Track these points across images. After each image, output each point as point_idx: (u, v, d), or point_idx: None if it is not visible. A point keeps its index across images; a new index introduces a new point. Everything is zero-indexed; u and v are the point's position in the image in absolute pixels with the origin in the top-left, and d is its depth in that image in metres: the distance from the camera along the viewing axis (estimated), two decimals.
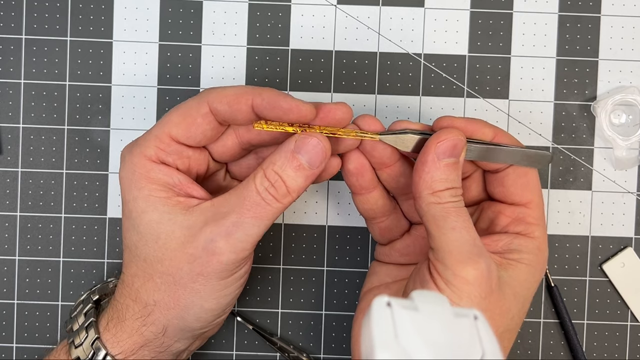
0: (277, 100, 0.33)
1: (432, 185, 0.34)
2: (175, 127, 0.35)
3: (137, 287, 0.35)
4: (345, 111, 0.35)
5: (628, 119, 0.44)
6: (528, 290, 0.36)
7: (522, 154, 0.36)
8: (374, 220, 0.39)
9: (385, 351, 0.22)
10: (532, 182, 0.37)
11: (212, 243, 0.33)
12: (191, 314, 0.35)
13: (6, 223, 0.44)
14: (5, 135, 0.44)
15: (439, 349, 0.23)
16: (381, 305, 0.24)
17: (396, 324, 0.23)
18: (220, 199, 0.34)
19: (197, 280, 0.34)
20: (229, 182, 0.40)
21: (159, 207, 0.34)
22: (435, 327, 0.23)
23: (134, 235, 0.35)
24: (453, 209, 0.33)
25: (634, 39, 0.44)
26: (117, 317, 0.36)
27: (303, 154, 0.34)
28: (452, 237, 0.33)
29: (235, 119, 0.35)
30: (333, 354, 0.45)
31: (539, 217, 0.37)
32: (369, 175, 0.37)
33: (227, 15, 0.44)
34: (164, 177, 0.35)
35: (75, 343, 0.36)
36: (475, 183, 0.39)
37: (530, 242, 0.36)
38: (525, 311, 0.36)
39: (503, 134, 0.37)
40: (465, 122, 0.36)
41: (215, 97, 0.34)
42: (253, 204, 0.33)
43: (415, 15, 0.44)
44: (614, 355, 0.44)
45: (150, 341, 0.35)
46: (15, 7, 0.44)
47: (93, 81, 0.44)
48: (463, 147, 0.34)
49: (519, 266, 0.35)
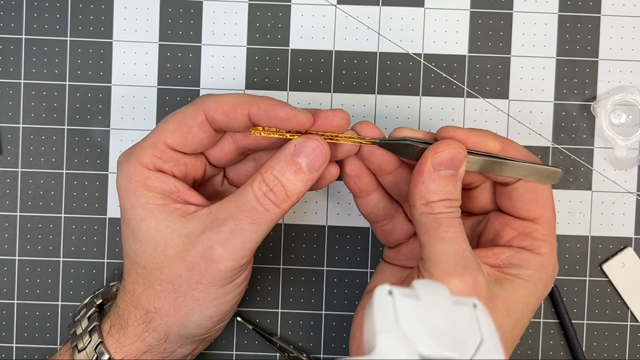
0: (274, 109, 0.33)
1: (426, 195, 0.33)
2: (171, 135, 0.35)
3: (138, 294, 0.35)
4: (343, 117, 0.35)
5: (628, 119, 0.44)
6: (526, 306, 0.35)
7: (530, 169, 0.35)
8: (377, 223, 0.39)
9: (387, 336, 0.23)
10: (542, 198, 0.36)
11: (210, 250, 0.33)
12: (191, 321, 0.35)
13: (6, 223, 0.44)
14: (5, 135, 0.44)
15: (438, 334, 0.23)
16: (383, 293, 0.24)
17: (398, 311, 0.24)
18: (218, 206, 0.34)
19: (197, 288, 0.34)
20: (226, 187, 0.40)
21: (156, 215, 0.34)
22: (436, 314, 0.24)
23: (133, 242, 0.35)
24: (445, 219, 0.33)
25: (634, 39, 0.44)
26: (120, 323, 0.36)
27: (303, 157, 0.34)
28: (440, 247, 0.33)
29: (232, 128, 0.35)
30: (333, 354, 0.45)
31: (547, 233, 0.36)
32: (367, 178, 0.37)
33: (227, 15, 0.44)
34: (161, 184, 0.35)
35: (78, 347, 0.36)
36: (484, 193, 0.38)
37: (534, 257, 0.35)
38: (522, 328, 0.35)
39: (512, 147, 0.36)
40: (469, 133, 0.35)
41: (211, 106, 0.34)
42: (251, 209, 0.33)
43: (415, 15, 0.44)
44: (614, 355, 0.44)
45: (153, 347, 0.35)
46: (15, 7, 0.44)
47: (93, 81, 0.44)
48: (462, 160, 0.34)
49: (516, 281, 0.34)
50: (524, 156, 0.36)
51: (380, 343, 0.22)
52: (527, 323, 0.36)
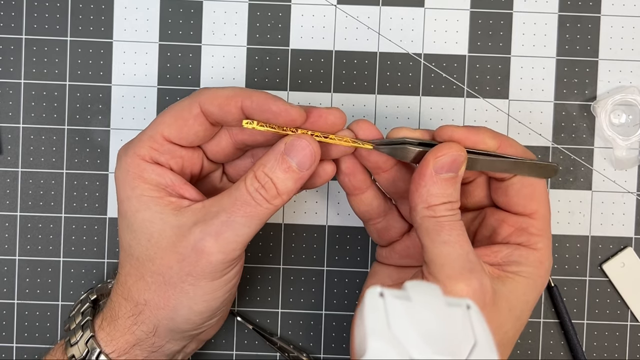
0: (267, 103, 0.33)
1: (428, 199, 0.33)
2: (167, 127, 0.35)
3: (129, 285, 0.35)
4: (338, 116, 0.35)
5: (628, 119, 0.44)
6: (526, 304, 0.35)
7: (525, 165, 0.36)
8: (370, 222, 0.39)
9: (377, 340, 0.22)
10: (538, 193, 0.36)
11: (201, 242, 0.33)
12: (180, 315, 0.35)
13: (6, 223, 0.44)
14: (5, 135, 0.44)
15: (431, 337, 0.23)
16: (374, 295, 0.24)
17: (389, 313, 0.23)
18: (212, 200, 0.34)
19: (186, 280, 0.34)
20: (225, 183, 0.40)
21: (151, 207, 0.34)
22: (428, 316, 0.24)
23: (128, 234, 0.35)
24: (447, 222, 0.33)
25: (634, 39, 0.44)
26: (111, 316, 0.36)
27: (292, 156, 0.34)
28: (445, 251, 0.33)
29: (226, 121, 0.35)
30: (333, 354, 0.45)
31: (543, 228, 0.36)
32: (361, 176, 0.37)
33: (227, 15, 0.44)
34: (157, 177, 0.35)
35: (71, 342, 0.36)
36: (478, 189, 0.38)
37: (531, 254, 0.35)
38: (522, 325, 0.35)
39: (508, 143, 0.36)
40: (467, 132, 0.35)
41: (206, 99, 0.35)
42: (243, 203, 0.33)
43: (415, 15, 0.44)
44: (614, 355, 0.44)
45: (142, 340, 0.35)
46: (15, 7, 0.44)
47: (93, 81, 0.44)
48: (463, 162, 0.34)
49: (517, 279, 0.34)
50: (520, 152, 0.36)
51: (371, 346, 0.22)
52: (526, 320, 0.36)
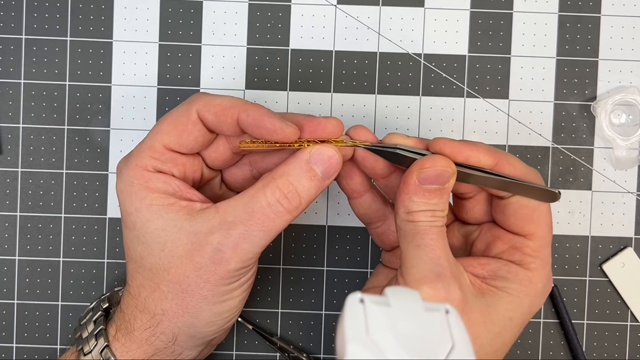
0: (262, 119, 0.33)
1: (409, 205, 0.33)
2: (167, 135, 0.35)
3: (143, 297, 0.35)
4: (336, 125, 0.35)
5: (628, 119, 0.44)
6: (508, 320, 0.34)
7: (523, 186, 0.34)
8: (371, 225, 0.39)
9: (356, 345, 0.23)
10: (537, 216, 0.35)
11: (220, 254, 0.33)
12: (201, 319, 0.35)
13: (6, 223, 0.44)
14: (5, 135, 0.44)
15: (409, 342, 0.23)
16: (354, 301, 0.24)
17: (368, 319, 0.24)
18: (224, 206, 0.34)
19: (205, 287, 0.34)
20: (224, 191, 0.40)
21: (163, 215, 0.34)
22: (407, 321, 0.24)
23: (139, 245, 0.35)
24: (423, 227, 0.33)
25: (634, 39, 0.44)
26: (126, 328, 0.36)
27: (319, 165, 0.34)
28: (416, 254, 0.33)
29: (221, 130, 0.35)
30: (333, 354, 0.45)
31: (539, 250, 0.35)
32: (359, 179, 0.37)
33: (227, 15, 0.44)
34: (163, 185, 0.35)
35: (84, 350, 0.36)
36: (478, 205, 0.38)
37: (522, 272, 0.35)
38: (504, 343, 0.34)
39: (507, 162, 0.35)
40: (461, 146, 0.34)
41: (203, 106, 0.35)
42: (262, 216, 0.33)
43: (415, 15, 0.44)
44: (614, 355, 0.44)
45: (160, 350, 0.35)
46: (15, 7, 0.44)
47: (93, 81, 0.44)
48: (450, 176, 0.33)
49: (499, 294, 0.34)
50: (520, 171, 0.35)
51: (349, 351, 0.22)
52: (510, 338, 0.35)
